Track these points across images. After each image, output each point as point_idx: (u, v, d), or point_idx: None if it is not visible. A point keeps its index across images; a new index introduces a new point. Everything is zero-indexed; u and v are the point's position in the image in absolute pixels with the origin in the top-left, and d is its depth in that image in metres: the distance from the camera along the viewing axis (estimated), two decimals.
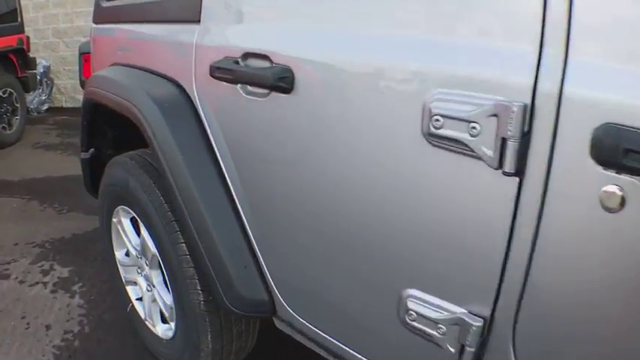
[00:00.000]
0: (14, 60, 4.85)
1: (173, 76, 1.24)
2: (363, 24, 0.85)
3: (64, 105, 7.15)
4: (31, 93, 5.92)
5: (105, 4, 1.82)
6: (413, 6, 0.79)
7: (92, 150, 1.85)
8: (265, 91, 0.98)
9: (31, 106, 6.50)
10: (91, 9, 6.37)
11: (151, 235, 1.39)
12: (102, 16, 1.84)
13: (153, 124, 1.19)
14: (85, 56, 2.13)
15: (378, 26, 0.83)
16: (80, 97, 6.92)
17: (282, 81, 0.92)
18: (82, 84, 2.19)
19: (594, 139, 0.61)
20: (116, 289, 1.92)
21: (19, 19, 4.89)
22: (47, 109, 6.77)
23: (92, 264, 2.52)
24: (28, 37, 5.02)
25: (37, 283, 2.32)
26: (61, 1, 6.74)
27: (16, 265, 2.50)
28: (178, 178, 1.13)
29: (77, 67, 7.07)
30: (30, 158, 4.60)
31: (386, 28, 0.82)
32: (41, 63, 6.41)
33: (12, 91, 4.89)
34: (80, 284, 2.31)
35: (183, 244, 1.25)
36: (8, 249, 2.67)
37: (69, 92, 7.11)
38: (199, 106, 1.16)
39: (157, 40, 1.34)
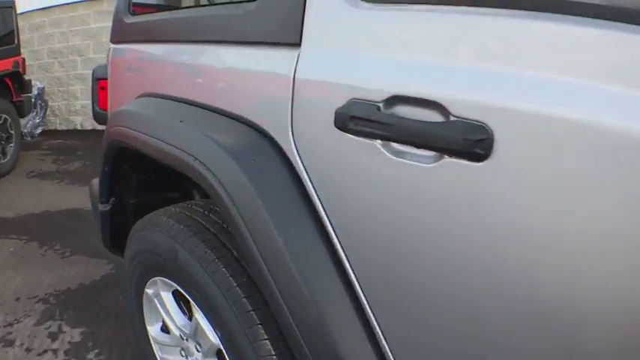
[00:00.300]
0: (9, 84, 4.50)
1: (253, 120, 0.91)
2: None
3: (58, 127, 6.81)
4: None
5: (130, 20, 1.49)
6: None
7: (113, 199, 1.51)
8: (433, 154, 0.66)
9: (25, 130, 6.13)
10: (88, 27, 5.98)
11: (210, 322, 1.05)
12: (125, 34, 1.52)
13: (233, 191, 0.85)
14: (100, 82, 1.80)
15: None
16: (75, 118, 6.61)
17: (477, 145, 0.60)
18: (97, 116, 1.85)
19: None
20: (138, 355, 1.58)
21: (16, 41, 4.56)
22: (41, 133, 6.41)
23: (106, 322, 2.16)
24: (23, 60, 4.69)
25: (46, 350, 1.96)
26: (57, 20, 6.44)
27: (19, 327, 2.13)
28: (275, 265, 0.80)
29: (72, 89, 6.71)
30: (25, 190, 4.23)
31: None
32: (36, 85, 6.07)
33: (7, 117, 4.53)
34: (96, 350, 1.95)
35: (267, 342, 0.92)
36: (10, 305, 2.31)
37: (63, 114, 6.78)
38: (300, 166, 0.83)
39: (224, 68, 1.01)
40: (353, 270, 0.79)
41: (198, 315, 1.09)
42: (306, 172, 0.82)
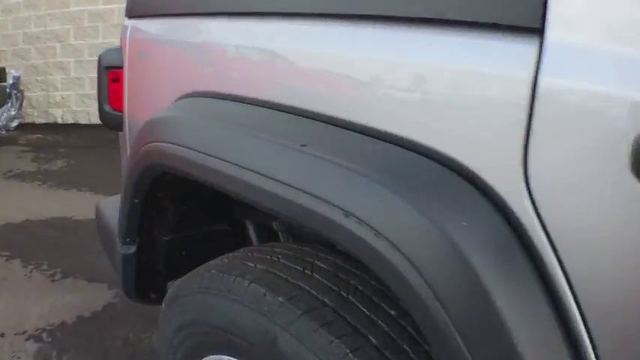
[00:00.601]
0: None
1: (443, 151, 0.55)
2: None
3: (37, 121, 6.26)
4: None
5: None
6: None
7: (139, 240, 1.09)
8: None
9: (0, 124, 5.60)
10: (67, 10, 5.35)
11: None
12: (155, 4, 1.09)
13: (437, 278, 0.48)
14: (111, 73, 1.36)
15: None
16: (55, 111, 6.08)
17: None
18: (108, 119, 1.41)
19: None
20: None
21: None
22: (17, 126, 5.86)
23: None
24: None
25: None
26: (34, 2, 5.86)
27: None
28: None
29: (50, 78, 6.17)
30: (2, 194, 3.73)
31: None
32: (10, 73, 5.53)
33: None
34: None
35: None
36: None
37: (42, 106, 6.23)
38: (541, 238, 0.49)
39: (381, 62, 0.62)
40: None
41: None
42: (554, 250, 0.46)
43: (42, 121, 6.23)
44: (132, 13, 1.20)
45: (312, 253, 0.86)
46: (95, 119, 6.39)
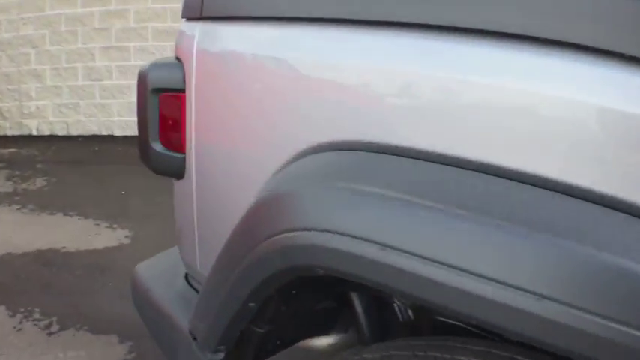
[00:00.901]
0: None
1: None
2: None
3: (9, 133, 5.77)
4: None
5: None
6: None
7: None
8: None
9: None
10: (43, 14, 4.80)
11: None
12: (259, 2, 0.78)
13: None
14: (163, 97, 1.02)
15: None
16: (29, 122, 5.58)
17: None
18: (153, 159, 1.06)
19: None
20: None
21: None
22: None
23: None
24: None
25: None
26: (4, 5, 5.44)
27: None
28: None
29: (24, 87, 5.66)
30: None
31: None
32: None
33: None
34: None
35: None
36: None
37: (14, 117, 5.76)
38: None
39: None
40: None
41: None
42: None
43: (15, 133, 5.74)
44: (202, 13, 0.87)
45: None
46: (74, 130, 5.93)
